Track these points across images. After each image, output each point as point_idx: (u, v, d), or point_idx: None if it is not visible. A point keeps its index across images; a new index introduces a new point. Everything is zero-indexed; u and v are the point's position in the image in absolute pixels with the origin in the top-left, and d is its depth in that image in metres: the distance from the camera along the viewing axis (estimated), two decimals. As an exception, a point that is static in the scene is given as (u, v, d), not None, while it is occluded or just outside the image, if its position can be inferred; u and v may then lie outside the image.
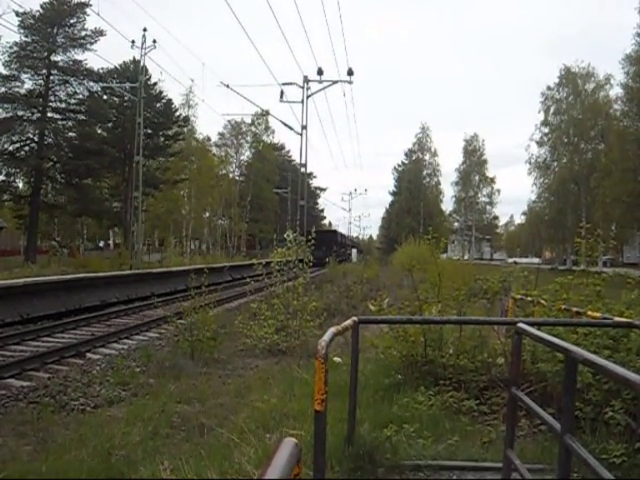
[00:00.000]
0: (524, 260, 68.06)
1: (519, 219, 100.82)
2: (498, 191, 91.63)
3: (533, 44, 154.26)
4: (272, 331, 12.82)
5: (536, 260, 65.15)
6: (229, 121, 77.78)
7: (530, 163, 66.49)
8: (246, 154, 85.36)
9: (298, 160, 39.60)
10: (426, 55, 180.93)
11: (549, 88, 64.70)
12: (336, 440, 5.02)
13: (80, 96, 49.30)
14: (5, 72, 45.96)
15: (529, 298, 8.08)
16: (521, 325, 4.19)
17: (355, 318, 5.30)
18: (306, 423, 5.77)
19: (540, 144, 65.92)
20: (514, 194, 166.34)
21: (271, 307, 13.44)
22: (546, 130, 65.32)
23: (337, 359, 9.20)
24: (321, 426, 3.73)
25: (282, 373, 9.71)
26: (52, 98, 48.11)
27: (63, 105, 48.77)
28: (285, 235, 14.87)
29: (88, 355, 12.64)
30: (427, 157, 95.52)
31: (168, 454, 5.85)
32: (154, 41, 37.14)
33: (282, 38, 47.56)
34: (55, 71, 47.37)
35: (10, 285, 18.15)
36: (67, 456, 5.97)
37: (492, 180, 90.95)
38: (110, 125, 53.90)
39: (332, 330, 4.42)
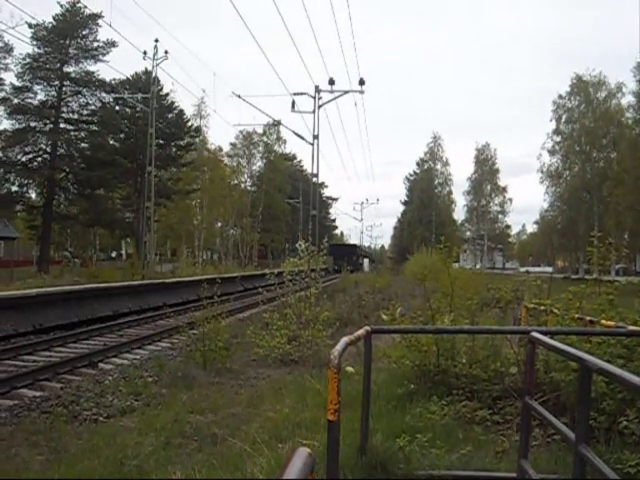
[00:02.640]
0: (536, 269, 67.85)
1: (531, 228, 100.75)
2: (510, 200, 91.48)
3: (544, 53, 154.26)
4: (284, 341, 12.78)
5: (548, 269, 64.79)
6: (241, 131, 78.03)
7: (542, 172, 66.47)
8: (258, 164, 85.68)
9: (310, 170, 39.69)
10: (437, 64, 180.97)
11: (561, 97, 64.66)
12: (349, 450, 5.00)
13: (92, 107, 49.83)
14: (18, 83, 46.59)
15: (542, 307, 8.03)
16: (535, 334, 4.18)
17: (368, 328, 5.27)
18: (318, 433, 5.76)
19: (552, 153, 65.86)
20: (526, 203, 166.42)
21: (283, 317, 13.41)
22: (558, 139, 65.22)
23: (350, 369, 9.16)
24: (334, 436, 3.71)
25: (294, 383, 9.67)
26: (64, 109, 48.57)
27: (75, 116, 49.24)
28: (297, 245, 14.86)
29: (101, 365, 12.68)
30: (439, 166, 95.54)
31: (180, 464, 5.83)
32: (166, 52, 37.26)
33: (294, 48, 47.81)
34: (67, 82, 47.83)
35: (23, 295, 18.27)
36: (79, 466, 5.97)
37: (504, 189, 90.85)
38: (122, 136, 54.28)
39: (345, 340, 4.41)
